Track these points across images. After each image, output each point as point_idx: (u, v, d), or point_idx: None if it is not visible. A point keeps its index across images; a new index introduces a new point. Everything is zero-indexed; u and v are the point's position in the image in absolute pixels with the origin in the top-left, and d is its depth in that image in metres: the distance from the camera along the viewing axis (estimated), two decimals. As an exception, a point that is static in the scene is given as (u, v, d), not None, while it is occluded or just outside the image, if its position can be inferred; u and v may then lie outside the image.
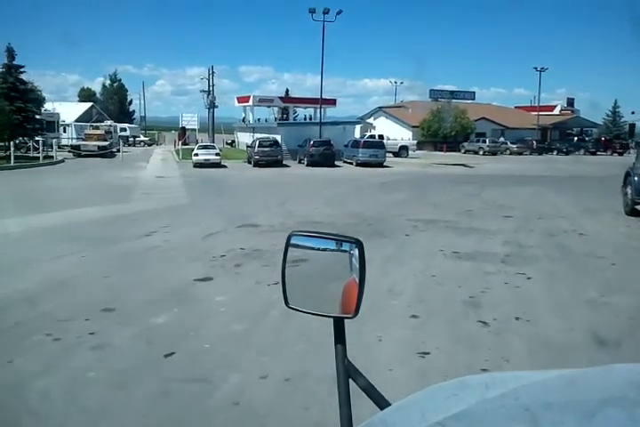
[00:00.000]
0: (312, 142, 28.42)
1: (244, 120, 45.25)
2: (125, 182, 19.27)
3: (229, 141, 50.40)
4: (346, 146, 30.77)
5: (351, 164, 29.50)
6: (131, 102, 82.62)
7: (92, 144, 33.45)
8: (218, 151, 27.72)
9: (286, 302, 1.15)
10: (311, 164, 27.91)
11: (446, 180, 22.24)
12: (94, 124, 43.91)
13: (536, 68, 52.94)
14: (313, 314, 1.12)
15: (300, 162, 29.85)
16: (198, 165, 26.88)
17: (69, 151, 32.90)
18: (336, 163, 29.21)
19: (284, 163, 29.08)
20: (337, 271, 1.11)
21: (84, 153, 32.70)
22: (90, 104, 69.95)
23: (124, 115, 79.28)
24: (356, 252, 1.07)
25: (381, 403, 0.96)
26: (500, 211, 13.07)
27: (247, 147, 31.86)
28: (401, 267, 7.36)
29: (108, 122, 57.07)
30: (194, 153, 27.48)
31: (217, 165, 27.00)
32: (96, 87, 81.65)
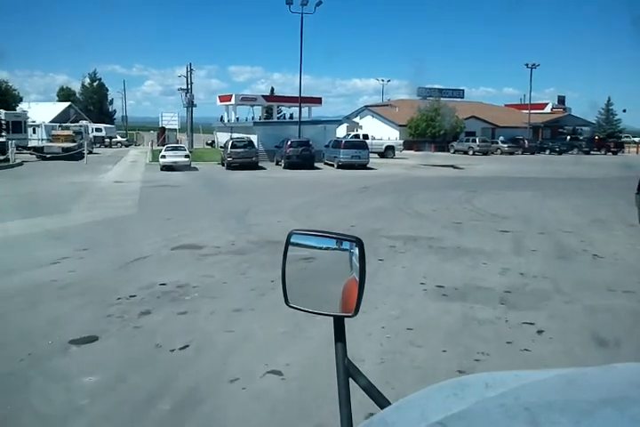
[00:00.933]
0: (289, 143, 26.16)
1: (222, 119, 43.06)
2: (76, 189, 17.21)
3: (210, 142, 48.29)
4: (326, 146, 28.62)
5: (332, 166, 27.48)
6: (112, 102, 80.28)
7: (57, 146, 31.29)
8: (187, 153, 25.47)
9: (286, 302, 1.12)
10: (288, 166, 25.83)
11: (434, 183, 20.38)
12: (63, 124, 41.61)
13: (527, 65, 51.08)
14: (313, 313, 1.10)
15: (277, 164, 27.73)
16: (165, 168, 24.81)
17: (31, 153, 30.70)
18: (316, 165, 27.22)
19: (260, 165, 27.09)
20: (337, 270, 1.09)
21: (48, 155, 30.54)
22: (67, 104, 67.76)
23: (105, 114, 76.92)
24: (357, 250, 1.04)
25: (381, 402, 0.96)
26: (495, 223, 11.21)
27: (220, 148, 29.82)
28: (367, 314, 5.41)
29: (84, 122, 55.23)
30: (161, 155, 25.31)
31: (186, 167, 24.89)
32: (78, 87, 79.25)
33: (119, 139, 53.68)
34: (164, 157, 25.04)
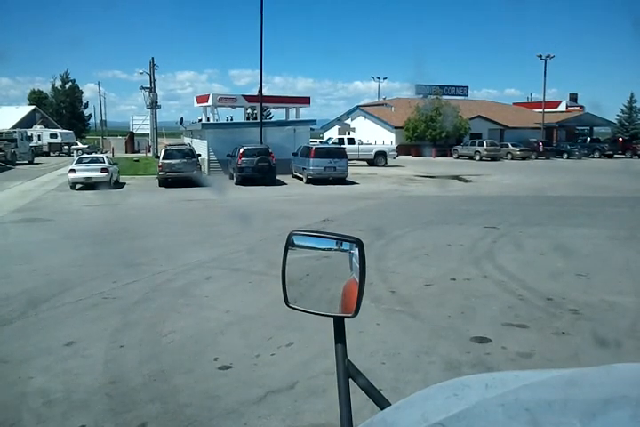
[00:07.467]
0: (242, 151, 19.45)
1: (181, 122, 36.98)
2: None
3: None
4: (295, 155, 22.19)
5: (301, 179, 21.13)
6: (86, 106, 74.04)
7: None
8: (106, 166, 18.93)
9: (286, 302, 1.10)
10: (242, 181, 19.32)
11: (430, 210, 14.08)
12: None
13: (540, 57, 44.60)
14: (313, 313, 1.07)
15: (231, 177, 21.31)
16: (77, 186, 18.54)
17: None
18: (282, 178, 20.91)
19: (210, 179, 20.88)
20: (337, 271, 1.08)
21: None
22: (32, 108, 61.85)
23: (77, 119, 70.78)
24: (357, 251, 1.02)
25: (381, 403, 0.94)
26: (573, 356, 4.93)
27: (156, 157, 23.51)
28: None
29: (38, 127, 49.27)
30: (69, 169, 19.00)
31: (105, 185, 18.44)
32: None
33: (80, 146, 47.30)
34: (72, 171, 18.63)
